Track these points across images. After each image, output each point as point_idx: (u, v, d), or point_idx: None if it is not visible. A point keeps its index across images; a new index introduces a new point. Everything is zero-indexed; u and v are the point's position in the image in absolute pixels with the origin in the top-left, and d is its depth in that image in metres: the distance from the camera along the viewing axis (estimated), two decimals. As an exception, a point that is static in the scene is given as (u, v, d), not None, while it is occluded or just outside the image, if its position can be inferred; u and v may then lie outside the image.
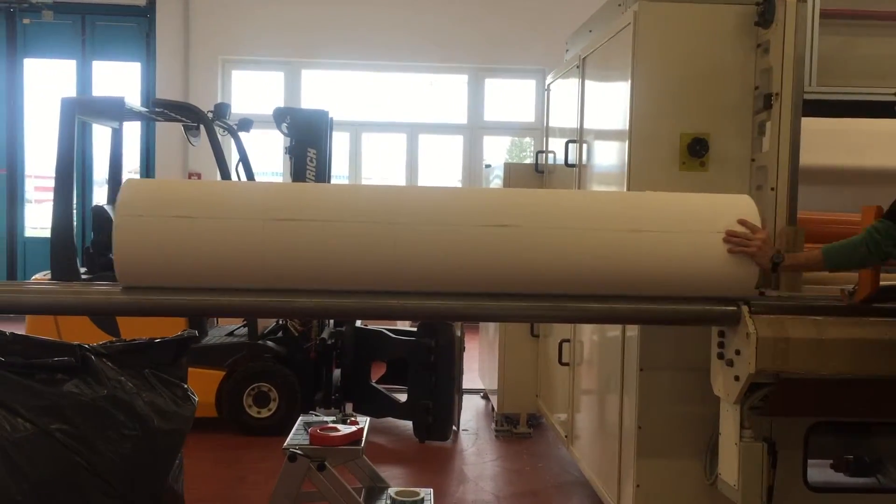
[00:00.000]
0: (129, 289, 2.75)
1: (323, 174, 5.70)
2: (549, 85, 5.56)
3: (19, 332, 2.95)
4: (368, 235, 2.71)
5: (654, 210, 2.92)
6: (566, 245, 2.79)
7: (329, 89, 10.78)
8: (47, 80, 10.65)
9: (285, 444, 3.35)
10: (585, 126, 4.45)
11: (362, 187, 4.66)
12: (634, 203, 3.01)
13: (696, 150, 3.47)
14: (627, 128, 3.56)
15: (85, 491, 2.66)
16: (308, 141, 5.66)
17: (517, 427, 5.67)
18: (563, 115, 5.10)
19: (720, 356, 2.94)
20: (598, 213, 2.90)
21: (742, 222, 2.81)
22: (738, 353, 2.83)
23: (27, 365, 2.65)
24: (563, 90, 5.10)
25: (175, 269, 2.70)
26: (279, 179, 10.19)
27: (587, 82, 4.46)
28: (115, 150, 6.15)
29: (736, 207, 2.90)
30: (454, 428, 5.55)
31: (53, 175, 5.41)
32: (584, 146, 4.42)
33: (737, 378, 2.84)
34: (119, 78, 10.68)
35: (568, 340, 4.58)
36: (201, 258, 2.68)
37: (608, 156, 4.05)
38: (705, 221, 2.84)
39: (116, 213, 2.68)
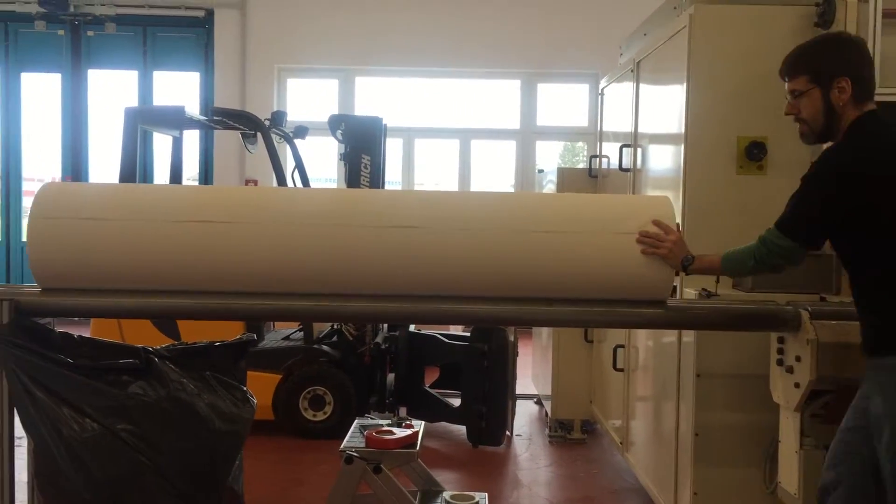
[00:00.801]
0: (48, 290, 2.82)
1: (377, 180, 5.75)
2: (602, 89, 5.54)
3: (86, 335, 3.06)
4: (260, 238, 2.75)
5: (569, 210, 2.88)
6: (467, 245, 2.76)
7: (382, 96, 10.89)
8: (110, 91, 10.97)
9: (342, 446, 3.40)
10: (640, 130, 4.42)
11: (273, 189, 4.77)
12: (549, 203, 2.98)
13: (754, 153, 3.43)
14: (683, 131, 3.54)
15: (149, 490, 2.73)
16: (362, 147, 5.72)
17: (571, 433, 5.64)
18: (617, 119, 5.08)
19: (779, 362, 2.90)
20: (512, 213, 2.84)
21: (656, 223, 2.72)
22: (798, 359, 2.78)
23: (95, 367, 2.73)
24: (618, 94, 5.07)
25: (86, 270, 2.77)
26: (333, 185, 10.32)
27: (642, 86, 4.43)
28: (176, 158, 6.29)
29: (653, 208, 2.83)
30: (507, 433, 5.55)
31: (117, 182, 5.57)
32: (639, 150, 4.40)
33: (797, 385, 2.79)
34: (179, 87, 10.96)
35: (622, 346, 4.55)
36: (110, 259, 2.75)
37: (663, 160, 4.02)
38: (620, 222, 2.78)
39: (29, 216, 2.78)
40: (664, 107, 3.98)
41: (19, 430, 2.74)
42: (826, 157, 2.50)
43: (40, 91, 10.93)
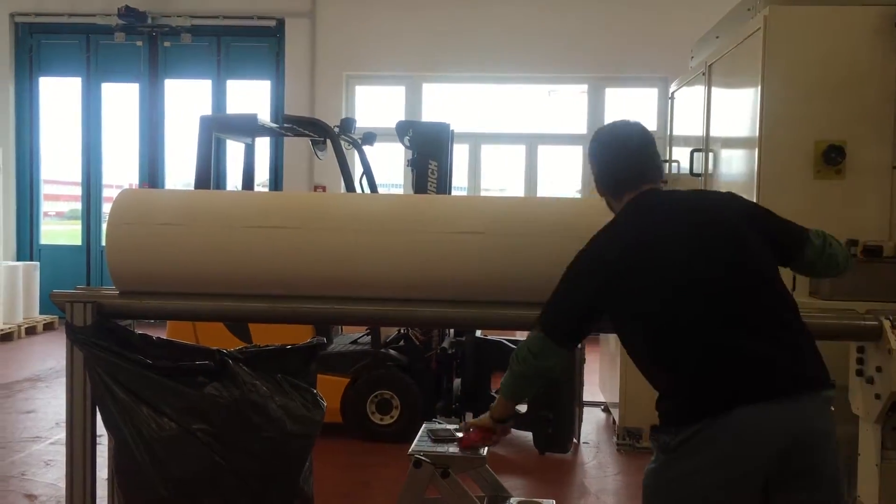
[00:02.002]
0: (126, 293, 2.91)
1: (444, 186, 5.78)
2: (672, 93, 5.47)
3: (163, 337, 3.15)
4: (329, 243, 2.80)
5: None
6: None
7: (449, 102, 10.94)
8: (186, 99, 11.29)
9: (410, 449, 3.41)
10: (712, 134, 4.35)
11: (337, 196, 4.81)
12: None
13: (832, 157, 3.35)
14: (757, 135, 3.47)
15: (223, 489, 2.79)
16: (429, 153, 5.75)
17: (640, 441, 5.56)
18: (687, 123, 5.00)
19: (859, 373, 2.81)
20: (577, 219, 2.80)
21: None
22: (878, 370, 2.69)
23: (172, 368, 2.81)
24: (688, 98, 5.00)
25: (162, 274, 2.84)
26: (401, 191, 10.41)
27: (714, 89, 4.36)
28: (248, 165, 6.43)
29: None
30: (574, 440, 5.50)
31: (192, 188, 5.73)
32: (711, 155, 4.32)
33: (878, 396, 2.70)
34: (251, 96, 11.21)
35: (693, 354, 4.46)
36: (184, 263, 2.82)
37: (736, 165, 3.95)
38: None
39: (108, 222, 2.88)
40: (737, 110, 3.91)
41: (100, 428, 2.84)
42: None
43: (119, 100, 11.32)
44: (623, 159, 2.44)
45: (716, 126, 4.31)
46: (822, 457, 2.10)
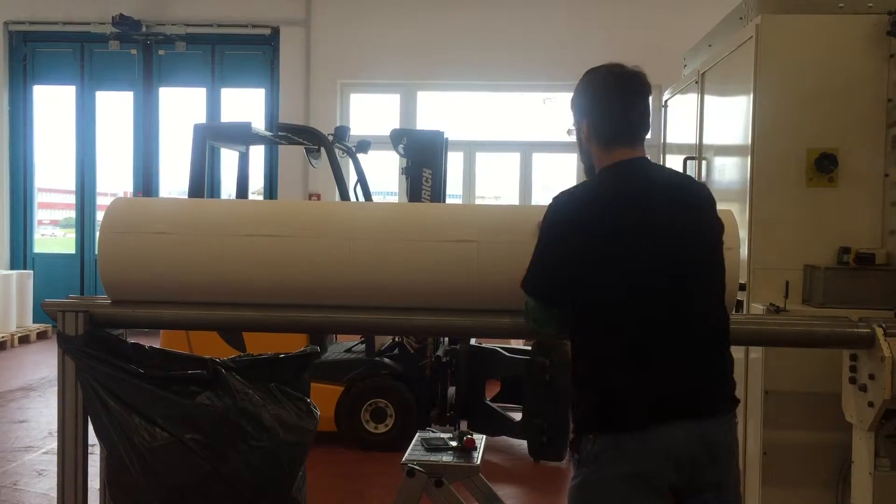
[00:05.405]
0: (118, 302, 2.88)
1: (438, 194, 5.78)
2: (666, 101, 5.48)
3: (156, 346, 3.14)
4: (323, 252, 2.78)
5: None
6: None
7: (444, 110, 10.95)
8: (180, 107, 11.28)
9: (403, 459, 3.41)
10: (705, 142, 4.36)
11: (335, 204, 4.84)
12: None
13: (824, 165, 3.35)
14: (750, 143, 3.48)
15: (216, 498, 2.77)
16: (424, 161, 5.76)
17: (634, 449, 5.54)
18: (680, 131, 5.01)
19: (852, 381, 2.81)
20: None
21: None
22: (871, 377, 2.69)
23: (164, 377, 2.80)
24: (681, 106, 5.01)
25: (155, 283, 2.82)
26: (395, 199, 10.41)
27: (707, 97, 4.37)
28: (242, 173, 6.42)
29: None
30: (569, 448, 5.49)
31: (187, 196, 5.72)
32: (704, 163, 4.33)
33: (871, 404, 2.70)
34: (245, 104, 11.21)
35: (687, 361, 4.47)
36: (178, 272, 2.80)
37: (729, 172, 3.96)
38: None
39: (100, 230, 2.86)
40: (730, 118, 3.92)
41: (93, 438, 2.82)
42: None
43: (114, 108, 11.30)
44: (628, 108, 2.19)
45: (708, 134, 4.32)
46: (728, 468, 2.15)
